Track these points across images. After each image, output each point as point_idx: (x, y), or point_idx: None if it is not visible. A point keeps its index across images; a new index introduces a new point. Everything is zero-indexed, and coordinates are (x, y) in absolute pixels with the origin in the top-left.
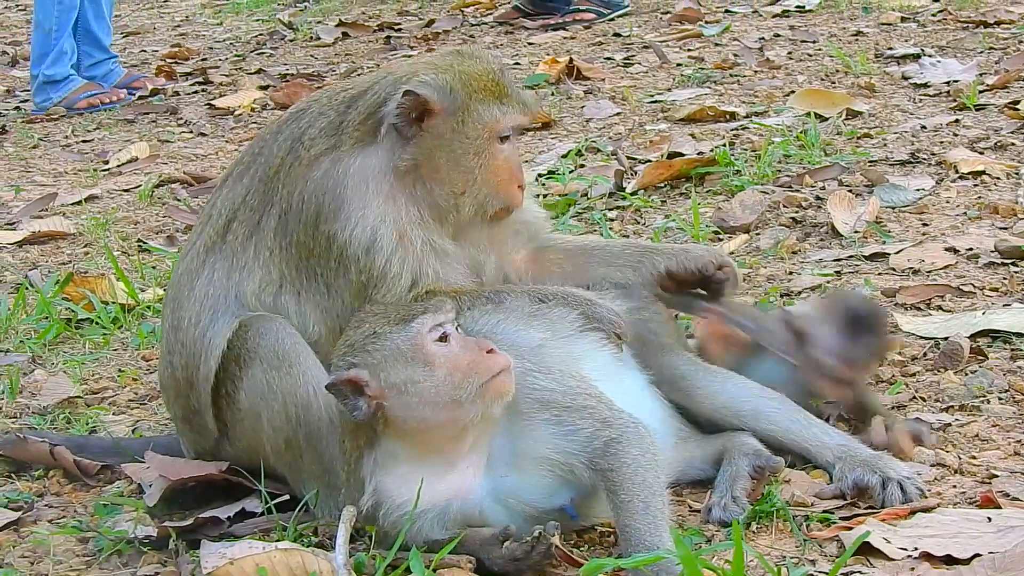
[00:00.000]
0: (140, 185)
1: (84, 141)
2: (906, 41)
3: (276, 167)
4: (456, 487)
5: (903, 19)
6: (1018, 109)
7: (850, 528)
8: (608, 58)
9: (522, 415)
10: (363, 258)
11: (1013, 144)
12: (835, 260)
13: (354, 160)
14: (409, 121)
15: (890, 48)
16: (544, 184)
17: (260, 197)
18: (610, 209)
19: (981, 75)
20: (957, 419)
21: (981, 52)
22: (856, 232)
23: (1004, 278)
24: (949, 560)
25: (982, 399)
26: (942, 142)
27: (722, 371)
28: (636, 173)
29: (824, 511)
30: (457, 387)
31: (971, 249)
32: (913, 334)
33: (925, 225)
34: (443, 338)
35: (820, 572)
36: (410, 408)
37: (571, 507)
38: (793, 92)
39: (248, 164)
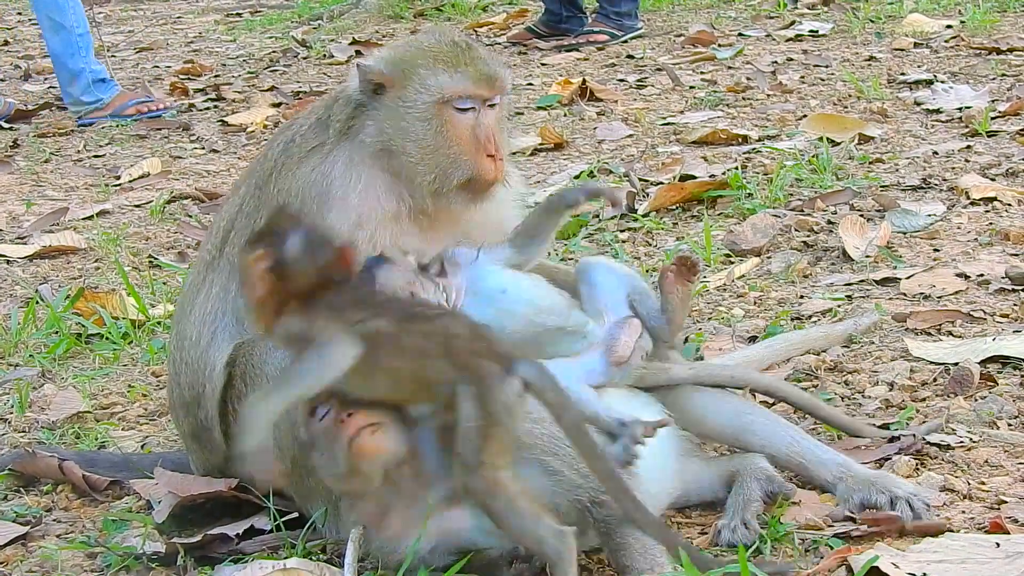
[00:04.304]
0: (152, 201)
1: (96, 156)
2: (919, 67)
3: (270, 170)
4: (440, 527)
5: (916, 45)
6: None
7: (859, 552)
8: (621, 80)
9: None
10: None
11: None
12: (846, 284)
13: (341, 152)
14: (369, 96)
15: (903, 74)
16: None
17: (255, 202)
18: (621, 231)
19: (993, 101)
20: (966, 444)
21: (994, 79)
22: (867, 257)
23: (1015, 304)
24: None
25: (991, 425)
26: (954, 168)
27: (715, 389)
28: (648, 195)
29: (835, 534)
30: (335, 461)
31: (982, 275)
32: (923, 359)
33: (936, 251)
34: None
35: None
36: (331, 483)
37: None
38: (805, 116)
39: (247, 175)
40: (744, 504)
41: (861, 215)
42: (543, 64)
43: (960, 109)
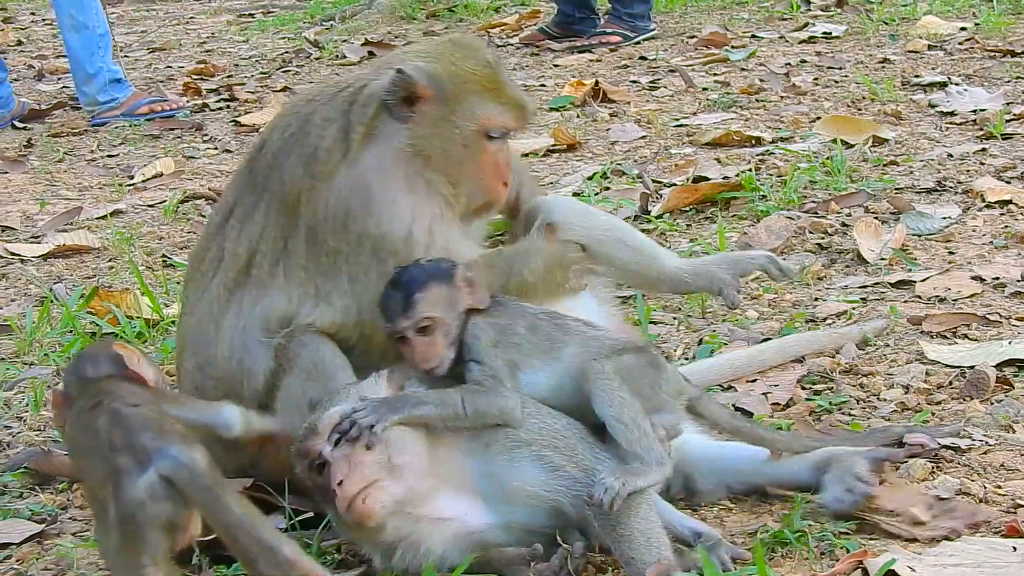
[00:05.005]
0: (165, 200)
1: (109, 156)
2: (933, 69)
3: (296, 194)
4: (457, 530)
5: (930, 47)
6: None
7: (875, 555)
8: (634, 81)
9: (502, 452)
10: (402, 249)
11: None
12: (861, 287)
13: (368, 156)
14: (400, 102)
15: (917, 76)
16: None
17: (281, 227)
18: None
19: (1008, 104)
20: (982, 448)
21: (1008, 81)
22: (882, 259)
23: None
24: None
25: (1008, 428)
26: (968, 171)
27: None
28: (661, 196)
29: (841, 532)
30: (339, 515)
31: (997, 278)
32: (939, 362)
33: (951, 253)
34: (321, 467)
35: None
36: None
37: None
38: (819, 118)
39: (254, 201)
40: (849, 468)
41: (876, 217)
42: (556, 65)
43: (975, 112)
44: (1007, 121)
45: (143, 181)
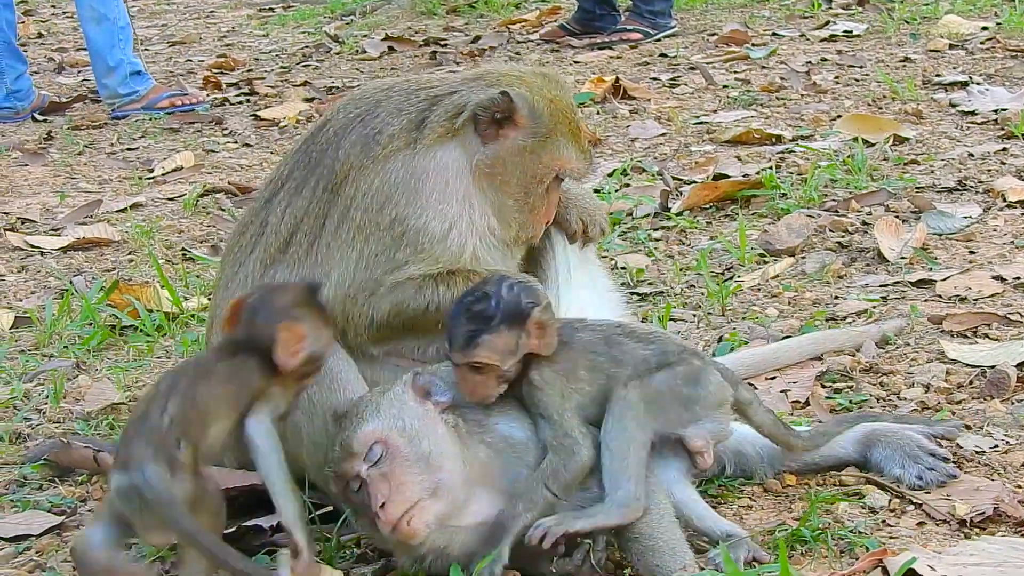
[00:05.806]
0: (185, 194)
1: (129, 149)
2: (954, 68)
3: (346, 172)
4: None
5: (951, 46)
6: None
7: (895, 554)
8: (654, 78)
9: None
10: (428, 247)
11: None
12: (881, 286)
13: (433, 154)
14: (490, 120)
15: (938, 75)
16: None
17: (325, 204)
18: (655, 229)
19: None
20: (1002, 447)
21: None
22: (902, 258)
23: None
24: None
25: None
26: (989, 170)
27: None
28: (681, 194)
29: (855, 530)
30: (379, 535)
31: (1018, 278)
32: (959, 362)
33: (972, 253)
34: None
35: None
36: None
37: None
38: (840, 117)
39: (305, 176)
40: (915, 446)
41: (896, 216)
42: (576, 62)
43: (996, 111)
44: None
45: (163, 174)
